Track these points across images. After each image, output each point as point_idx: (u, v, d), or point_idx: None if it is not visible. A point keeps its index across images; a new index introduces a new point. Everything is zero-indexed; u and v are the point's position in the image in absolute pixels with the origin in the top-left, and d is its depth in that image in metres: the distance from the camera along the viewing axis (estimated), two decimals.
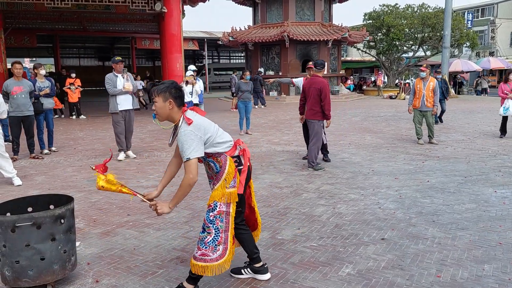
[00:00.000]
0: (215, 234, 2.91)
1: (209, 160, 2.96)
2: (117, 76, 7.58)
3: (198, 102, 10.08)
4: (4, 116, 6.18)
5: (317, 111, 6.81)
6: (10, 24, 20.22)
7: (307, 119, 6.98)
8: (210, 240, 2.91)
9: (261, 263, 3.22)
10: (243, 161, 3.02)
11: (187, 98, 9.69)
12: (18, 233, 2.89)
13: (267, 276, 3.21)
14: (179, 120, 2.86)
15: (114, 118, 7.71)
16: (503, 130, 9.74)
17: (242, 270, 3.26)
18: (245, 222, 3.22)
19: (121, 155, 7.82)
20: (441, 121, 12.20)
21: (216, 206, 2.91)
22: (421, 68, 8.97)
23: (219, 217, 2.91)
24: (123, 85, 7.53)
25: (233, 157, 2.96)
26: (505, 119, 9.69)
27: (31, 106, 7.64)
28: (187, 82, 9.79)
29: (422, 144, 8.83)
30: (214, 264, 2.90)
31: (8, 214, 3.12)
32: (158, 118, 2.92)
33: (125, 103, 7.65)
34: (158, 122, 2.96)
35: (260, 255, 3.23)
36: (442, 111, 12.14)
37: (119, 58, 7.71)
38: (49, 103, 8.61)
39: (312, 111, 6.84)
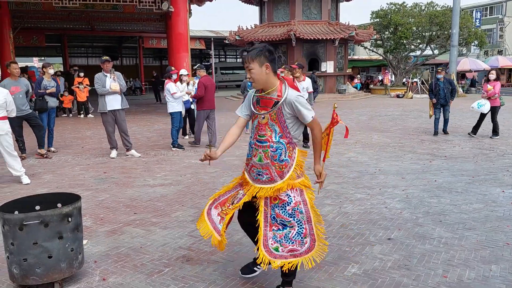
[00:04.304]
0: (298, 226, 2.78)
1: (282, 142, 2.75)
2: (106, 75, 7.60)
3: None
4: (13, 114, 6.22)
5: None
6: (19, 23, 20.40)
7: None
8: (295, 234, 2.77)
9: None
10: None
11: (185, 97, 9.65)
12: (26, 231, 2.92)
13: None
14: (283, 87, 2.75)
15: (104, 118, 7.78)
16: (476, 128, 9.69)
17: (255, 268, 3.16)
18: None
19: (113, 153, 7.99)
20: (446, 133, 10.10)
21: (291, 198, 2.77)
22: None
23: (297, 209, 2.78)
24: (109, 85, 7.55)
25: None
26: (482, 118, 9.58)
27: (27, 105, 7.64)
28: (181, 80, 9.72)
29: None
30: (305, 257, 2.78)
31: (16, 212, 3.14)
32: (255, 86, 2.78)
33: (113, 103, 7.66)
34: (253, 91, 2.87)
35: None
36: (445, 121, 10.13)
37: (106, 57, 7.72)
38: (53, 101, 8.66)
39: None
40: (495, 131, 9.52)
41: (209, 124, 8.70)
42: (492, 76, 9.56)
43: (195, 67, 9.02)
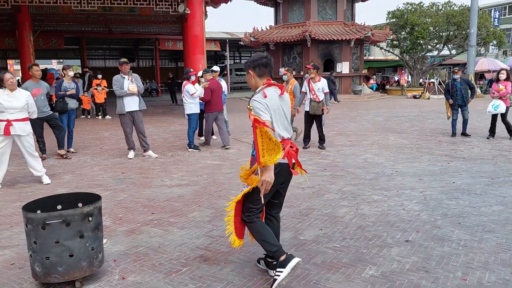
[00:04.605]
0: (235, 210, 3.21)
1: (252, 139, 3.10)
2: (124, 77, 7.68)
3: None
4: (35, 116, 6.35)
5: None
6: (39, 26, 20.81)
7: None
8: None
9: (274, 261, 3.25)
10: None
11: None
12: (48, 230, 2.98)
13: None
14: (258, 88, 3.09)
15: (122, 119, 7.88)
16: (492, 130, 9.53)
17: (261, 261, 3.44)
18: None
19: (131, 154, 8.10)
20: (467, 135, 9.85)
21: (245, 187, 3.14)
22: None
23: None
24: (127, 87, 7.63)
25: None
26: (494, 118, 9.44)
27: (48, 106, 7.78)
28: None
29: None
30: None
31: (39, 211, 3.22)
32: (252, 89, 3.22)
33: (131, 104, 7.75)
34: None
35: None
36: (465, 121, 9.87)
37: (124, 59, 7.81)
38: (73, 103, 8.82)
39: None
40: (511, 131, 9.37)
41: (218, 126, 8.85)
42: (503, 76, 9.39)
43: (203, 70, 9.19)
